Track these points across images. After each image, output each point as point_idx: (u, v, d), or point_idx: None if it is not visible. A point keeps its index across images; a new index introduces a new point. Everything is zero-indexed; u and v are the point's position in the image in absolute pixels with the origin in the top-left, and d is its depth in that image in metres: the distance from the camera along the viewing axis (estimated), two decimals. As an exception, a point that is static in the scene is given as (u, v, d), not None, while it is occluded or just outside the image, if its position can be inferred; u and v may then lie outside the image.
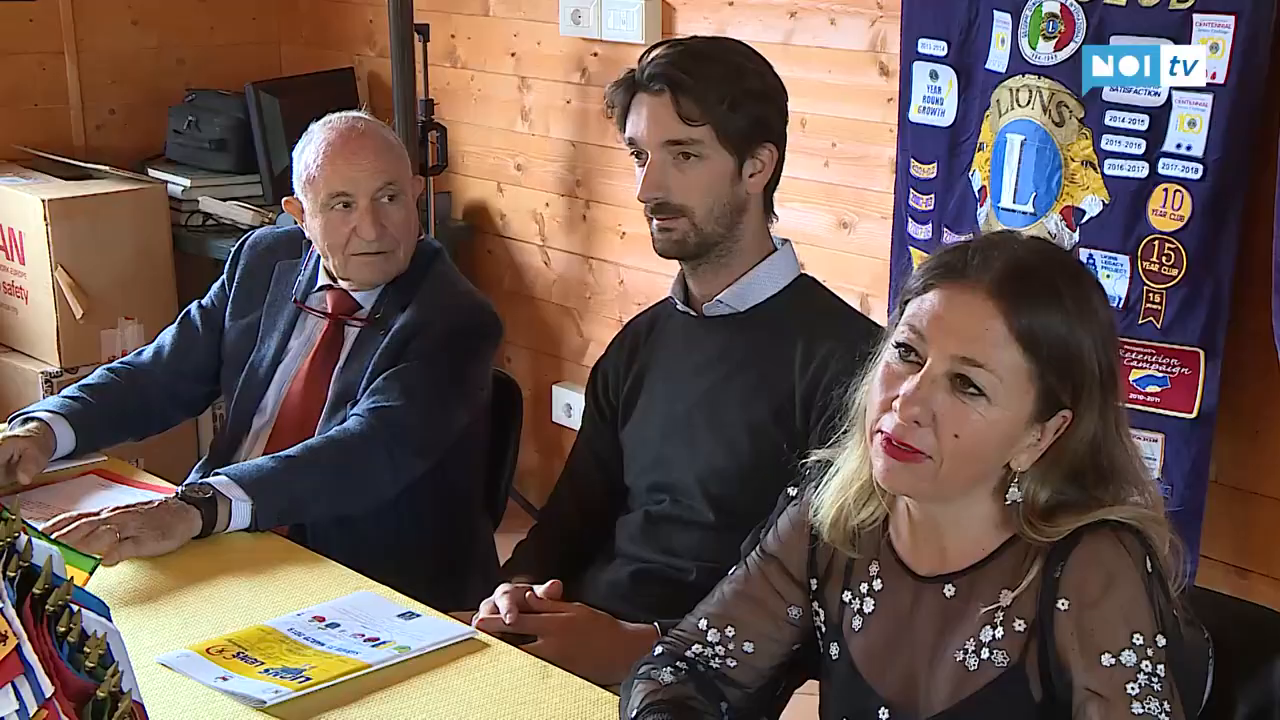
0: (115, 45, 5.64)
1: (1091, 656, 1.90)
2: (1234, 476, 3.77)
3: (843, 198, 4.43)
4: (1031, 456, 1.97)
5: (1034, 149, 3.85)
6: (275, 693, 2.26)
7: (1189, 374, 3.68)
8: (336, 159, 3.18)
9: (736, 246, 2.76)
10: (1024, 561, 1.99)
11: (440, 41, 5.34)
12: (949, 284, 1.97)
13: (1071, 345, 1.94)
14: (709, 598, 2.26)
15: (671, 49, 2.74)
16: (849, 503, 2.10)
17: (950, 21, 3.99)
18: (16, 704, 1.64)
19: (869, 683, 2.10)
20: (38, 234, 5.09)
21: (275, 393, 3.27)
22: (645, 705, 2.10)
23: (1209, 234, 3.62)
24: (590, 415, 3.04)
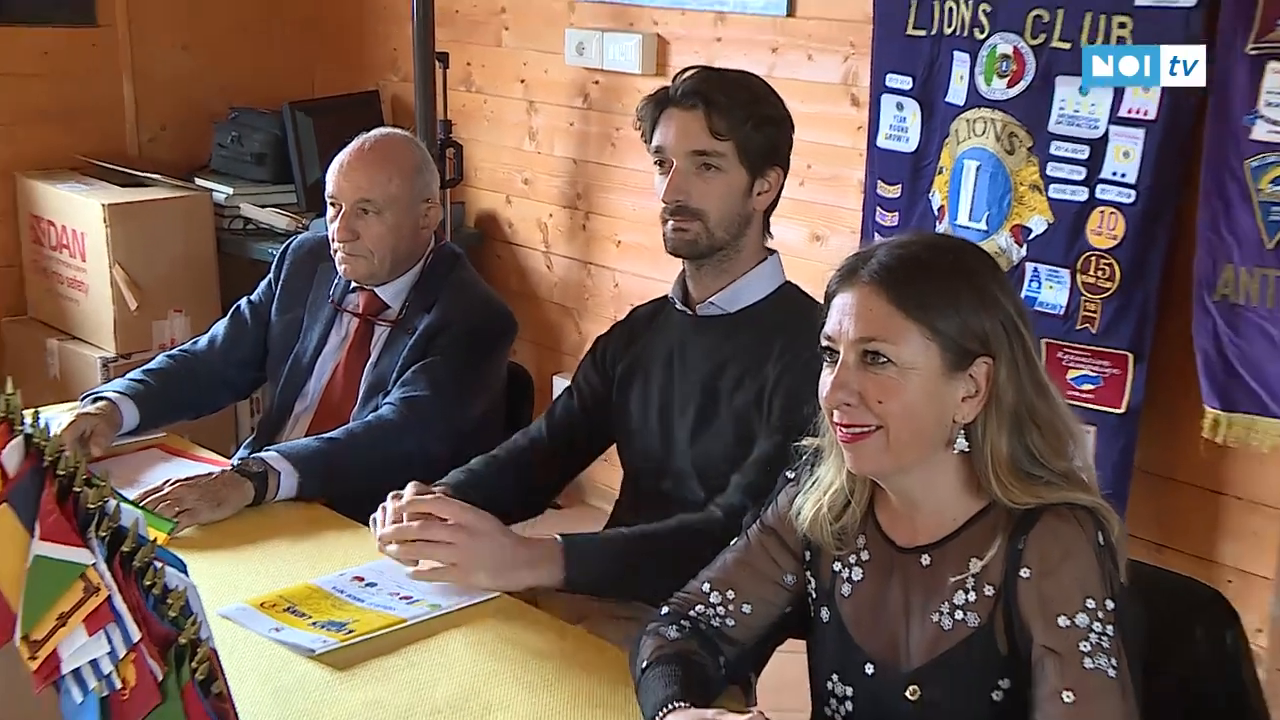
0: (167, 68, 5.62)
1: (1049, 618, 1.91)
2: (1155, 464, 3.80)
3: (816, 214, 4.44)
4: (974, 407, 1.99)
5: (988, 174, 3.87)
6: (323, 643, 2.28)
7: (1119, 374, 3.71)
8: (337, 169, 3.21)
9: (736, 254, 2.75)
10: (991, 534, 2.00)
11: (458, 68, 5.35)
12: (845, 287, 2.03)
13: (954, 301, 1.97)
14: (712, 564, 2.27)
15: (705, 72, 2.75)
16: (824, 511, 2.12)
17: (915, 60, 4.01)
18: (108, 647, 1.64)
19: (856, 642, 2.11)
20: (98, 235, 5.09)
21: (316, 382, 3.29)
22: (654, 657, 2.10)
23: (1140, 251, 3.65)
24: (585, 375, 3.00)
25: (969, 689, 2.00)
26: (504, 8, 5.29)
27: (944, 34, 3.94)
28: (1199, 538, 3.74)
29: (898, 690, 2.05)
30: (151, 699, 1.65)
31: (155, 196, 5.24)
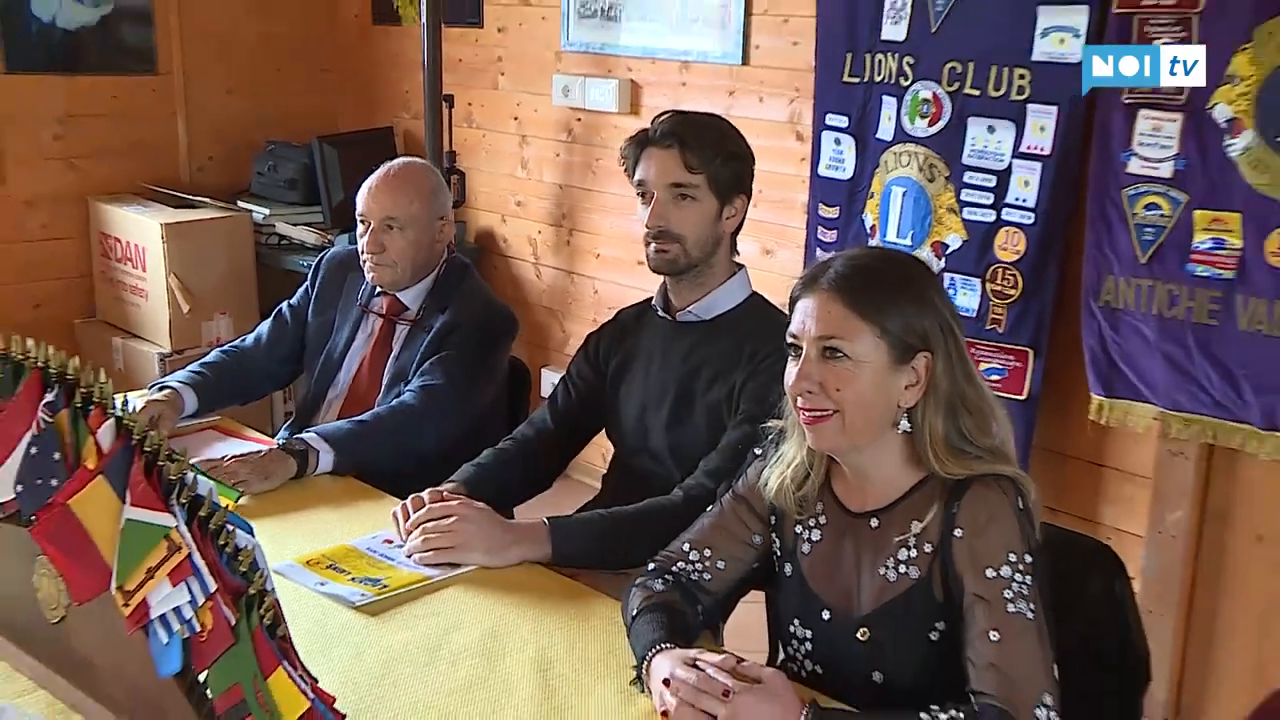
0: (214, 108, 5.60)
1: (978, 570, 1.93)
2: (1050, 442, 3.81)
3: (767, 231, 4.43)
4: (915, 394, 2.00)
5: (911, 198, 3.87)
6: (362, 595, 2.28)
7: (1021, 367, 3.72)
8: (366, 191, 3.19)
9: (710, 270, 2.74)
10: (929, 501, 2.02)
11: (461, 108, 5.34)
12: (808, 293, 2.03)
13: (900, 306, 1.98)
14: (690, 528, 2.27)
15: (680, 115, 2.75)
16: (787, 481, 2.13)
17: (850, 103, 4.02)
18: (189, 596, 1.65)
19: (815, 592, 2.11)
20: (156, 249, 5.07)
21: (345, 373, 3.26)
22: (643, 607, 2.11)
23: (1038, 264, 3.67)
24: (578, 369, 2.96)
25: (910, 631, 2.01)
26: (500, 57, 5.27)
27: (874, 81, 3.94)
28: (1085, 503, 3.76)
29: (850, 632, 2.05)
30: (226, 640, 1.66)
31: (204, 216, 5.22)
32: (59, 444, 1.77)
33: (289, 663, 1.66)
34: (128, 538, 1.67)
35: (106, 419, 1.76)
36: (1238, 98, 3.25)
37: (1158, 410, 3.51)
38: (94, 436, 1.74)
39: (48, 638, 1.93)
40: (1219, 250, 3.34)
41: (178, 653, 1.66)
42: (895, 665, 2.03)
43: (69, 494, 1.71)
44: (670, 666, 1.94)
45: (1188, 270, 3.39)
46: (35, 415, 1.80)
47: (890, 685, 2.02)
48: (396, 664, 2.07)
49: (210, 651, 1.65)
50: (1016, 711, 1.83)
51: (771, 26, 4.34)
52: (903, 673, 2.02)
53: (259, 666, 1.64)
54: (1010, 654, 1.87)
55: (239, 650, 1.64)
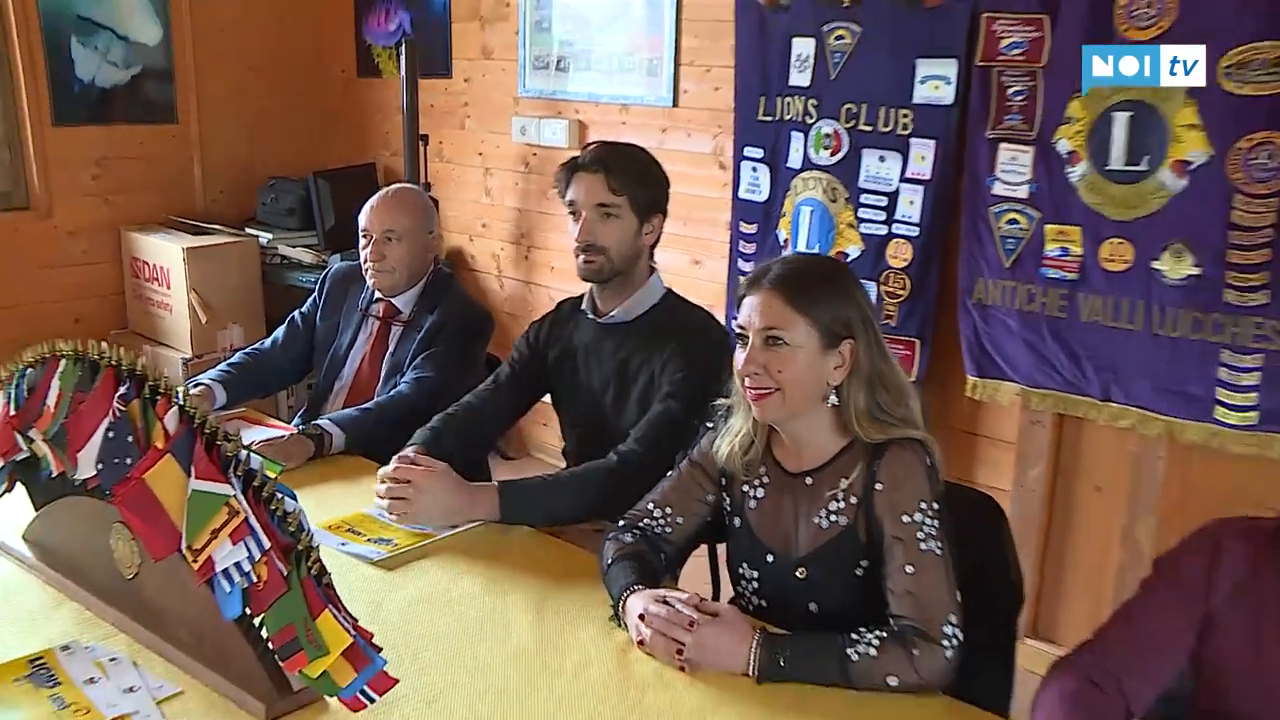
0: (225, 150, 5.52)
1: (896, 516, 1.94)
2: (935, 417, 3.71)
3: (696, 245, 4.41)
4: (842, 373, 1.99)
5: (818, 216, 3.86)
6: (378, 553, 2.26)
7: (910, 354, 3.72)
8: (368, 209, 3.15)
9: (630, 278, 2.68)
10: (854, 461, 2.02)
11: (434, 145, 5.28)
12: (753, 291, 2.02)
13: (828, 301, 1.98)
14: (654, 489, 2.25)
15: (605, 145, 2.70)
16: (735, 449, 2.11)
17: (765, 137, 4.00)
18: (247, 553, 1.65)
19: (760, 539, 2.11)
20: (178, 269, 5.00)
21: (349, 368, 3.22)
22: (616, 556, 2.10)
23: (922, 269, 3.67)
24: (519, 350, 2.85)
25: (840, 568, 2.01)
26: (467, 103, 5.22)
27: (784, 120, 3.92)
28: (963, 465, 3.76)
29: (790, 571, 2.06)
30: (279, 588, 1.66)
31: (218, 241, 5.14)
32: (132, 429, 1.76)
33: (334, 606, 1.66)
34: (194, 505, 1.67)
35: (171, 407, 1.74)
36: (1075, 135, 3.28)
37: (1020, 387, 3.52)
38: (161, 422, 1.73)
39: (124, 591, 1.91)
40: (1065, 257, 3.35)
41: (239, 600, 1.66)
42: (828, 597, 2.03)
43: (143, 470, 1.70)
44: (644, 604, 1.94)
45: (1041, 273, 3.40)
46: (111, 405, 1.78)
47: (824, 614, 2.03)
48: (412, 609, 2.06)
49: (266, 598, 1.65)
50: (929, 629, 1.85)
51: (697, 75, 4.34)
52: (834, 603, 2.02)
53: (308, 609, 1.64)
54: (923, 583, 1.88)
55: (291, 596, 1.65)
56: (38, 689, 1.73)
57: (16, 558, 2.18)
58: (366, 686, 1.64)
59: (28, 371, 1.97)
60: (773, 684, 1.84)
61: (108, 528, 1.90)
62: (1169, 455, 3.31)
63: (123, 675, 1.77)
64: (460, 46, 5.17)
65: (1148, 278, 3.19)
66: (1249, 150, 2.98)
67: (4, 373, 2.03)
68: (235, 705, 1.72)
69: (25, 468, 2.09)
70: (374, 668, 1.64)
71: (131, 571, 1.89)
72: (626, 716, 1.75)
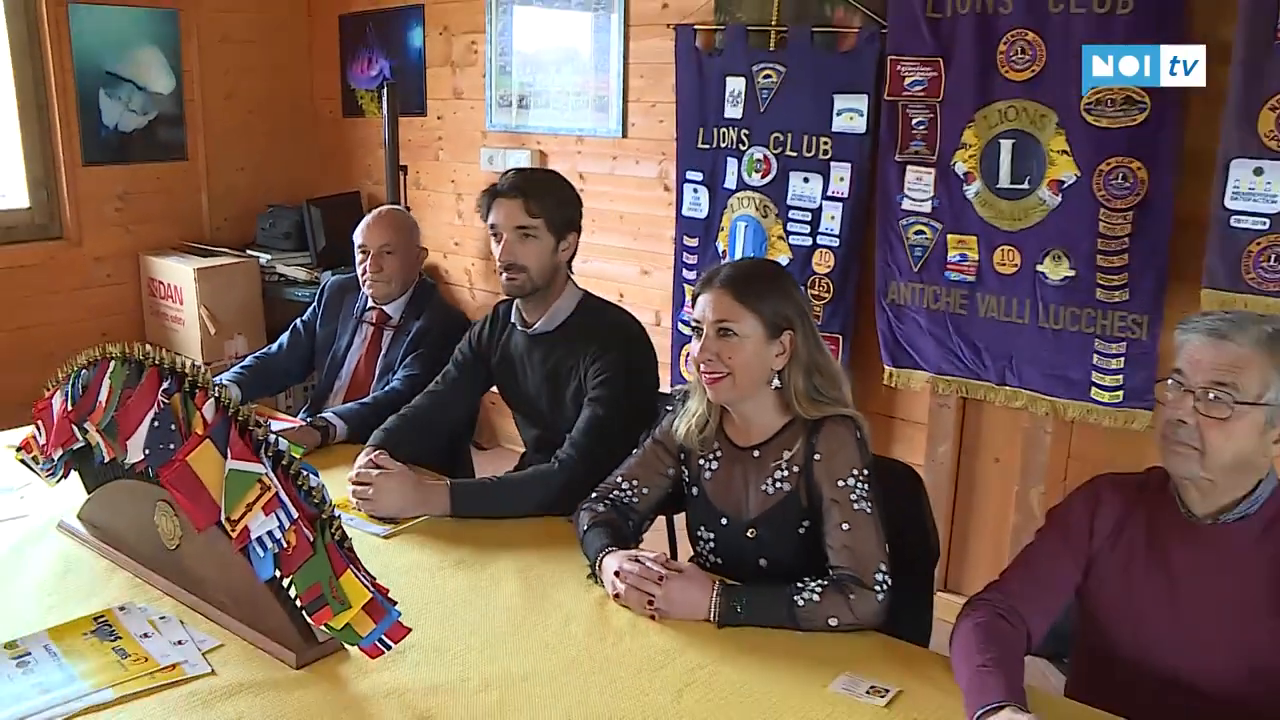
0: (227, 182, 5.46)
1: (832, 482, 1.96)
2: (857, 403, 3.50)
3: (645, 257, 4.42)
4: (783, 360, 2.01)
5: (752, 230, 3.86)
6: (384, 529, 2.26)
7: (834, 349, 3.67)
8: (365, 228, 3.13)
9: (549, 291, 2.58)
10: (795, 436, 2.03)
11: (412, 175, 5.25)
12: (706, 289, 2.03)
13: (771, 298, 1.99)
14: (622, 465, 2.23)
15: (522, 172, 2.60)
16: (692, 427, 2.12)
17: (704, 163, 3.99)
18: (278, 523, 1.67)
19: (715, 506, 2.12)
20: (190, 288, 4.95)
21: (347, 369, 3.20)
22: (590, 524, 2.11)
23: (843, 275, 3.67)
24: (461, 352, 2.76)
25: (785, 528, 2.04)
26: (440, 137, 5.19)
27: (720, 147, 3.91)
28: (882, 444, 3.70)
29: (741, 532, 2.08)
30: (306, 553, 1.68)
31: (223, 263, 5.09)
32: (174, 418, 1.77)
33: (354, 566, 1.68)
34: (231, 482, 1.68)
35: (208, 398, 1.76)
36: (969, 158, 3.31)
37: (929, 375, 3.54)
38: (200, 411, 1.75)
39: (168, 561, 1.92)
40: (964, 262, 3.38)
41: (271, 563, 1.68)
42: (775, 553, 2.05)
43: (185, 453, 1.72)
44: (618, 562, 1.96)
45: (945, 276, 3.43)
46: (155, 398, 1.80)
47: (773, 568, 2.05)
48: (412, 574, 2.06)
49: (295, 561, 1.67)
50: (862, 577, 1.88)
51: (643, 109, 4.31)
52: (781, 558, 2.04)
53: (333, 569, 1.66)
54: (856, 538, 1.91)
55: (316, 559, 1.67)
56: (102, 642, 1.76)
57: (74, 534, 2.19)
58: (384, 635, 1.67)
59: (82, 373, 1.98)
60: (731, 628, 1.87)
61: (152, 505, 1.91)
62: (1055, 430, 3.36)
63: (172, 631, 1.79)
64: (434, 88, 5.15)
65: (1033, 279, 3.24)
66: (1109, 172, 3.05)
67: (61, 375, 2.04)
68: (270, 655, 1.74)
69: (80, 456, 2.10)
70: (390, 619, 1.67)
71: (174, 543, 1.90)
72: (605, 658, 1.78)
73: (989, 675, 1.63)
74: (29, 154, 4.86)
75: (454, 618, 1.90)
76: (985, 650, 1.68)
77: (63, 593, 1.95)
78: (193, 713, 1.59)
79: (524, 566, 2.10)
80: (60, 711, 1.57)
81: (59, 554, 2.11)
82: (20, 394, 2.90)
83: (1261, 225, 2.80)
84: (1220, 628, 1.70)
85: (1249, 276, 2.83)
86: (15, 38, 4.74)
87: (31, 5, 4.75)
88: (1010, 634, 1.75)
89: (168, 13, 5.13)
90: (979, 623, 1.75)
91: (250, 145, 5.56)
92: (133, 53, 5.04)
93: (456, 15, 4.97)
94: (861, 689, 1.70)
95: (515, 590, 2.01)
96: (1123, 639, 1.79)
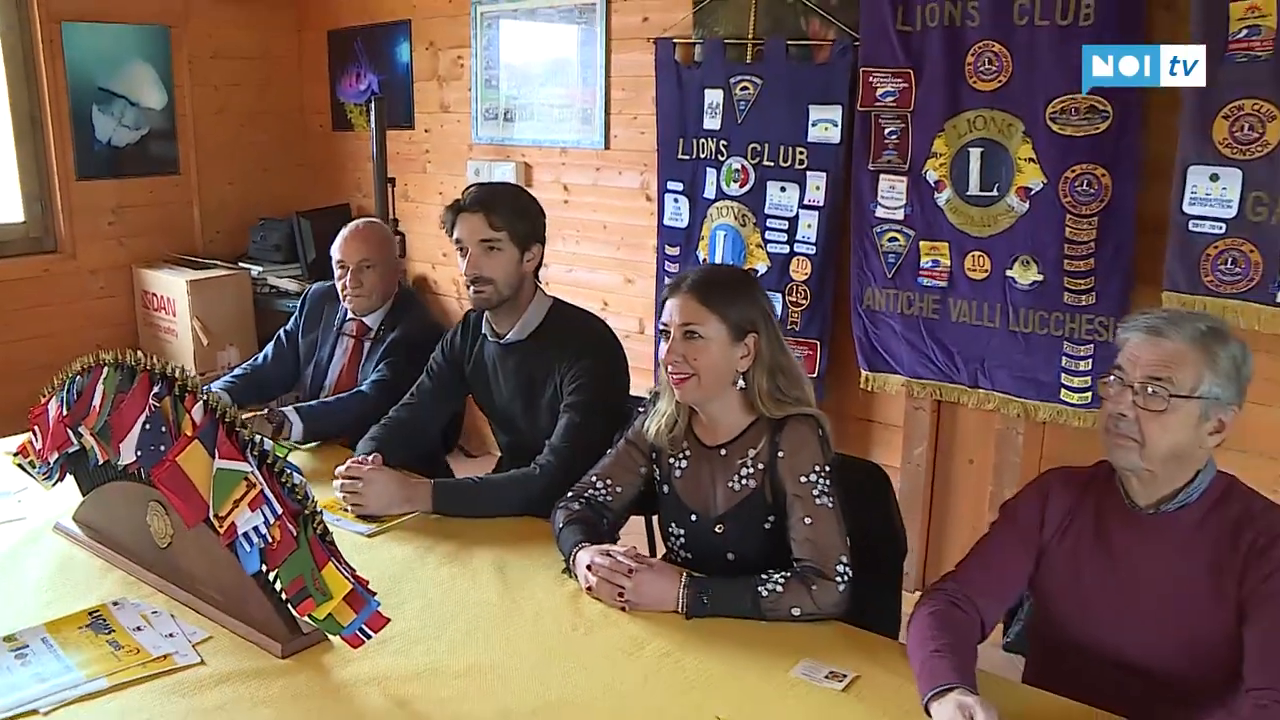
0: (219, 196, 5.52)
1: (795, 478, 2.03)
2: (834, 406, 3.77)
3: (628, 266, 4.46)
4: (748, 361, 2.06)
5: (730, 238, 3.91)
6: (368, 528, 2.32)
7: (812, 354, 3.76)
8: (342, 242, 3.12)
9: (517, 301, 2.62)
10: (760, 435, 2.09)
11: (400, 187, 5.26)
12: (673, 294, 2.08)
13: (735, 303, 2.05)
14: (597, 465, 2.28)
15: (484, 187, 2.62)
16: (662, 428, 2.17)
17: (684, 173, 4.04)
18: (264, 518, 1.73)
19: (685, 503, 2.17)
20: (182, 299, 5.02)
21: (331, 378, 3.21)
22: (566, 521, 2.17)
23: (819, 282, 3.72)
24: (435, 361, 2.78)
25: (751, 524, 2.09)
26: (428, 150, 5.24)
27: (700, 158, 3.96)
28: (860, 447, 3.79)
29: (710, 528, 2.14)
30: (290, 547, 1.74)
31: (215, 275, 5.16)
32: (165, 421, 1.85)
33: (335, 558, 1.76)
34: (218, 481, 1.75)
35: (196, 402, 1.83)
36: (940, 166, 3.37)
37: (904, 379, 3.58)
38: (189, 414, 1.82)
39: (160, 558, 1.99)
40: (936, 268, 3.44)
41: (257, 557, 1.75)
42: (741, 547, 2.10)
43: (175, 453, 1.79)
44: (590, 557, 2.02)
45: (918, 282, 3.48)
46: (147, 402, 1.87)
47: (739, 561, 2.10)
48: (395, 567, 2.13)
49: (280, 555, 1.74)
50: (824, 568, 1.95)
51: (625, 121, 4.35)
52: (747, 552, 2.09)
53: (315, 562, 1.73)
54: (818, 531, 1.98)
55: (300, 553, 1.74)
56: (97, 635, 1.84)
57: (70, 535, 2.26)
58: (364, 625, 1.74)
59: (76, 379, 2.06)
60: (698, 619, 1.93)
61: (144, 506, 1.98)
62: (1026, 431, 3.42)
63: (163, 624, 1.87)
64: (421, 102, 5.20)
65: (1003, 284, 3.31)
66: (1074, 179, 3.13)
67: (56, 381, 2.12)
68: (256, 646, 1.82)
69: (74, 460, 2.17)
70: (370, 609, 1.74)
71: (165, 541, 1.98)
72: (577, 647, 1.86)
73: (941, 660, 1.70)
74: (24, 168, 4.94)
75: (433, 610, 1.97)
76: (939, 637, 1.76)
77: (59, 590, 2.02)
78: (183, 700, 1.68)
79: (502, 562, 2.17)
80: (57, 699, 1.65)
81: (55, 554, 2.19)
82: (15, 404, 2.94)
83: (1218, 229, 2.88)
84: (1161, 610, 1.78)
85: (1207, 279, 2.91)
86: (10, 55, 4.82)
87: (26, 23, 4.83)
88: (964, 621, 1.82)
89: (159, 29, 5.21)
90: (933, 611, 1.83)
91: (241, 159, 5.62)
92: (125, 69, 5.12)
93: (443, 30, 5.04)
94: (821, 674, 1.77)
95: (492, 584, 2.08)
96: (1071, 624, 1.87)
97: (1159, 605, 1.79)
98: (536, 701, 1.70)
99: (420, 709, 1.67)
